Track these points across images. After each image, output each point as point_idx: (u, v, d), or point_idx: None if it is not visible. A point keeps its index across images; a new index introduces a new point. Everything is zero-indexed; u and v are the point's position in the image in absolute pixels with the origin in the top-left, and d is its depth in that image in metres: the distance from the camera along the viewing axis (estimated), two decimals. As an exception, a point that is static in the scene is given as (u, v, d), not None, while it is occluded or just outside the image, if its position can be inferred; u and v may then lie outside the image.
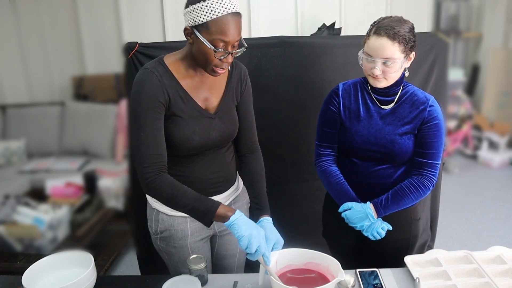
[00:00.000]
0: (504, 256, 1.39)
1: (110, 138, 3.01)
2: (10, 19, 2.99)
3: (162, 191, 1.24)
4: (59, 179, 2.68)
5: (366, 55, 1.36)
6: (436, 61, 2.07)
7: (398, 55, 1.32)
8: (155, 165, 1.24)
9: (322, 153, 1.55)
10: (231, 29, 1.18)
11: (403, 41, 1.31)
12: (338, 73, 1.98)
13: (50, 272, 1.32)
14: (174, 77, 1.28)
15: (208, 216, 1.22)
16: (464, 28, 4.45)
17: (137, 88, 1.25)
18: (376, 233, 1.42)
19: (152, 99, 1.24)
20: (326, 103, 1.54)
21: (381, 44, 1.31)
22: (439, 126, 1.42)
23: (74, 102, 3.18)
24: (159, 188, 1.24)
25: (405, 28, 1.32)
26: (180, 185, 1.25)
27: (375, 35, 1.32)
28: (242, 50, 1.25)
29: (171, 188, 1.23)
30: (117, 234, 2.83)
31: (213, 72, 1.27)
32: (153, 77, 1.25)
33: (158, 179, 1.23)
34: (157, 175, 1.24)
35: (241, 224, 1.20)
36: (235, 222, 1.21)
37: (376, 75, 1.35)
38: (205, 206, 1.23)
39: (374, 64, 1.34)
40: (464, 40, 4.59)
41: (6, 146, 3.04)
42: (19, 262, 2.32)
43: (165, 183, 1.24)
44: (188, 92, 1.30)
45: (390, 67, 1.33)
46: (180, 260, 1.45)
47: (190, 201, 1.23)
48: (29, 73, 3.12)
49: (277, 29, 2.80)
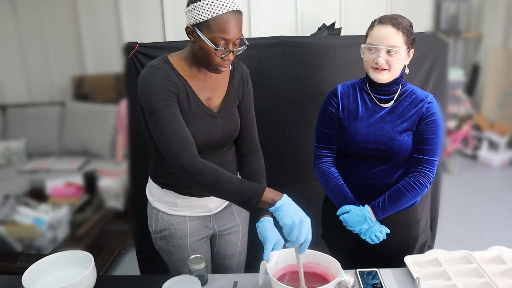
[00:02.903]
0: (504, 256, 1.39)
1: (110, 138, 3.01)
2: (10, 19, 2.99)
3: (204, 176, 1.18)
4: (59, 179, 2.68)
5: (370, 45, 1.37)
6: (436, 61, 2.07)
7: (401, 45, 1.34)
8: (189, 150, 1.19)
9: (321, 154, 1.55)
10: (232, 27, 1.18)
11: (406, 32, 1.35)
12: (338, 73, 1.98)
13: (50, 272, 1.32)
14: (180, 75, 1.28)
15: (253, 200, 1.16)
16: (464, 28, 4.45)
17: (147, 83, 1.23)
18: (374, 236, 1.41)
19: (165, 89, 1.22)
20: (325, 104, 1.54)
21: (386, 32, 1.33)
22: (437, 123, 1.42)
23: (74, 102, 3.18)
24: (200, 173, 1.18)
25: (406, 21, 1.37)
26: (221, 170, 1.19)
27: (380, 24, 1.35)
28: (243, 48, 1.26)
29: (212, 173, 1.18)
30: (117, 234, 2.84)
31: (216, 70, 1.27)
32: (161, 72, 1.24)
33: (197, 164, 1.18)
34: (195, 158, 1.19)
35: (286, 211, 1.15)
36: (280, 208, 1.15)
37: (380, 64, 1.35)
38: (250, 190, 1.17)
39: (378, 53, 1.34)
40: (464, 40, 4.60)
41: (6, 146, 3.04)
42: (19, 262, 2.32)
43: (206, 168, 1.18)
44: (194, 90, 1.30)
45: (394, 56, 1.34)
46: (180, 259, 1.45)
47: (235, 186, 1.18)
48: (29, 73, 3.12)
49: (277, 29, 2.80)
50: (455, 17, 4.38)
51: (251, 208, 1.19)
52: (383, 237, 1.42)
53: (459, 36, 4.48)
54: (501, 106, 4.45)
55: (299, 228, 1.13)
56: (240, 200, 1.19)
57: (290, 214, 1.15)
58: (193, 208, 1.42)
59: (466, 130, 4.35)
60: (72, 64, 3.13)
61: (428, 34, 2.08)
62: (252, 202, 1.16)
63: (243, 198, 1.17)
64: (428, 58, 2.06)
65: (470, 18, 4.47)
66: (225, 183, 1.18)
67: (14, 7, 3.00)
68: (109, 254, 2.62)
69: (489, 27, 4.46)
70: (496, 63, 4.41)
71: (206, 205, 1.43)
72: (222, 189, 1.18)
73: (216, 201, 1.45)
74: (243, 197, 1.17)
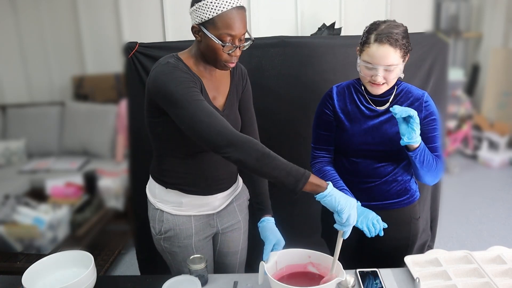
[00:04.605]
0: (504, 256, 1.39)
1: (110, 138, 3.01)
2: (10, 19, 3.00)
3: (253, 149, 1.13)
4: (59, 179, 2.68)
5: (366, 63, 1.35)
6: (436, 61, 2.07)
7: (399, 61, 1.33)
8: (229, 126, 1.15)
9: (317, 155, 1.56)
10: (237, 23, 1.20)
11: (403, 47, 1.32)
12: (338, 73, 1.98)
13: (50, 272, 1.32)
14: (193, 72, 1.28)
15: (300, 182, 1.13)
16: (464, 28, 4.45)
17: (166, 76, 1.21)
18: (371, 225, 1.36)
19: (187, 79, 1.21)
20: (320, 106, 1.54)
21: (384, 52, 1.30)
22: (436, 121, 1.43)
23: (74, 102, 3.19)
24: (249, 145, 1.13)
25: (401, 33, 1.32)
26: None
27: (377, 43, 1.31)
28: (249, 44, 1.27)
29: (261, 146, 1.14)
30: (117, 234, 2.84)
31: (224, 67, 1.28)
32: (180, 66, 1.24)
33: (244, 136, 1.15)
34: (238, 132, 1.16)
35: (340, 196, 1.16)
36: (332, 193, 1.16)
37: (378, 81, 1.35)
38: (298, 171, 1.14)
39: (376, 72, 1.33)
40: (464, 40, 4.60)
41: (6, 146, 3.04)
42: (19, 262, 2.32)
43: (253, 140, 1.15)
44: (205, 88, 1.31)
45: (392, 72, 1.34)
46: (184, 259, 1.44)
47: (285, 162, 1.14)
48: (29, 73, 3.12)
49: (277, 29, 2.81)
50: (455, 17, 4.38)
51: (296, 190, 1.14)
52: (379, 226, 1.37)
53: (459, 36, 4.48)
54: (501, 106, 4.45)
55: (354, 210, 1.17)
56: (286, 179, 1.13)
57: (344, 198, 1.16)
58: (197, 207, 1.42)
59: (466, 130, 4.35)
60: (72, 64, 3.14)
61: (428, 34, 2.08)
62: (299, 183, 1.13)
63: (290, 177, 1.13)
64: (428, 58, 2.05)
65: (470, 18, 4.48)
66: (273, 157, 1.14)
67: (14, 7, 3.00)
68: (109, 254, 2.62)
69: (489, 27, 4.46)
70: (496, 63, 4.41)
71: (210, 203, 1.44)
72: (271, 164, 1.13)
73: (220, 199, 1.45)
74: (291, 176, 1.13)
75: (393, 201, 1.51)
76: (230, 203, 1.51)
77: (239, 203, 1.54)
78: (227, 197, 1.48)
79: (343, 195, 1.17)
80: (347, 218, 1.16)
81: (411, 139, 1.30)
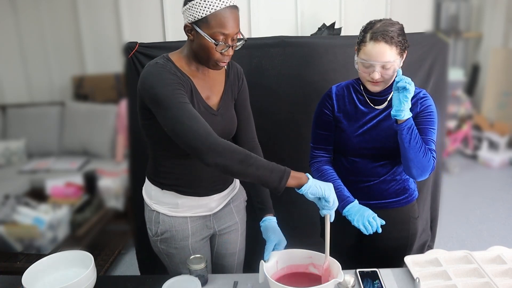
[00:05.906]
0: (504, 256, 1.39)
1: (110, 138, 3.01)
2: (10, 19, 3.00)
3: (234, 153, 1.14)
4: (59, 179, 2.68)
5: (363, 61, 1.36)
6: (436, 61, 2.07)
7: (395, 58, 1.34)
8: (211, 131, 1.16)
9: (316, 155, 1.57)
10: (230, 22, 1.20)
11: (399, 44, 1.33)
12: (338, 73, 1.98)
13: (50, 272, 1.32)
14: (183, 73, 1.28)
15: (284, 179, 1.14)
16: (464, 28, 4.45)
17: (154, 77, 1.21)
18: (367, 223, 1.35)
19: (174, 81, 1.21)
20: (320, 106, 1.54)
21: (379, 50, 1.31)
22: (432, 115, 1.43)
23: (74, 102, 3.19)
24: (230, 150, 1.14)
25: (397, 31, 1.33)
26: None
27: (372, 41, 1.32)
28: (242, 43, 1.27)
29: (241, 150, 1.15)
30: (117, 234, 2.84)
31: (215, 66, 1.28)
32: (168, 68, 1.24)
33: (225, 142, 1.15)
34: (219, 138, 1.15)
35: (318, 183, 1.18)
36: (313, 182, 1.17)
37: (375, 79, 1.35)
38: (280, 168, 1.15)
39: (373, 68, 1.34)
40: (464, 40, 4.60)
41: (6, 146, 3.05)
42: (19, 262, 2.32)
43: (233, 145, 1.15)
44: (197, 88, 1.31)
45: (389, 69, 1.34)
46: (181, 261, 1.45)
47: (266, 163, 1.15)
48: (29, 73, 3.12)
49: (277, 29, 2.81)
50: (455, 17, 4.38)
51: (280, 188, 1.15)
52: (376, 223, 1.35)
53: (459, 36, 4.48)
54: (501, 106, 4.45)
55: (332, 192, 1.18)
56: (269, 178, 1.14)
57: (323, 184, 1.18)
58: (194, 208, 1.42)
59: (466, 130, 4.35)
60: (72, 64, 3.14)
61: (428, 34, 2.08)
62: (283, 179, 1.14)
63: (274, 176, 1.14)
64: (428, 58, 2.05)
65: (470, 18, 4.48)
66: (255, 158, 1.15)
67: (14, 7, 3.00)
68: (109, 254, 2.62)
69: (489, 27, 4.46)
70: (496, 63, 4.41)
71: (206, 205, 1.43)
72: (255, 164, 1.14)
73: (216, 200, 1.45)
74: (274, 175, 1.14)
75: (392, 200, 1.52)
76: (227, 204, 1.51)
77: (236, 205, 1.53)
78: (224, 199, 1.48)
79: (320, 181, 1.19)
80: (334, 200, 1.19)
81: (397, 111, 1.31)
